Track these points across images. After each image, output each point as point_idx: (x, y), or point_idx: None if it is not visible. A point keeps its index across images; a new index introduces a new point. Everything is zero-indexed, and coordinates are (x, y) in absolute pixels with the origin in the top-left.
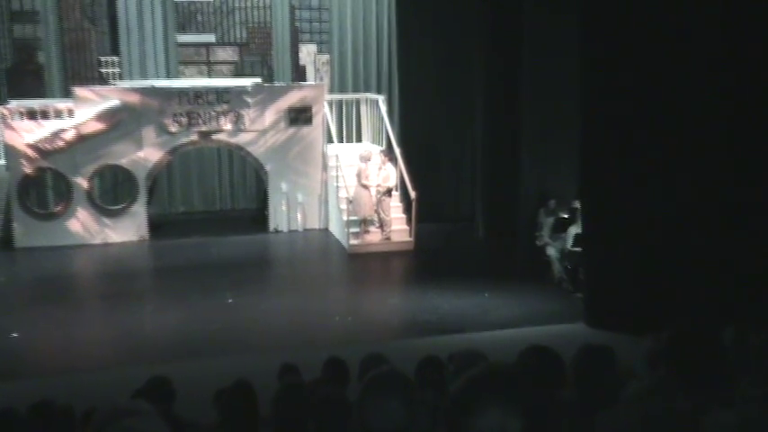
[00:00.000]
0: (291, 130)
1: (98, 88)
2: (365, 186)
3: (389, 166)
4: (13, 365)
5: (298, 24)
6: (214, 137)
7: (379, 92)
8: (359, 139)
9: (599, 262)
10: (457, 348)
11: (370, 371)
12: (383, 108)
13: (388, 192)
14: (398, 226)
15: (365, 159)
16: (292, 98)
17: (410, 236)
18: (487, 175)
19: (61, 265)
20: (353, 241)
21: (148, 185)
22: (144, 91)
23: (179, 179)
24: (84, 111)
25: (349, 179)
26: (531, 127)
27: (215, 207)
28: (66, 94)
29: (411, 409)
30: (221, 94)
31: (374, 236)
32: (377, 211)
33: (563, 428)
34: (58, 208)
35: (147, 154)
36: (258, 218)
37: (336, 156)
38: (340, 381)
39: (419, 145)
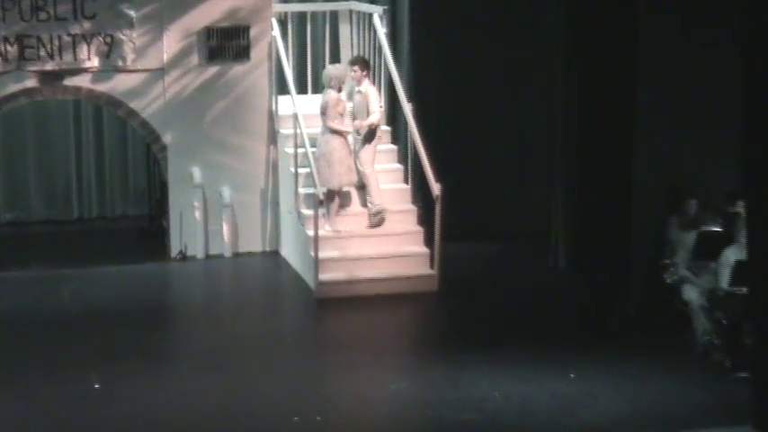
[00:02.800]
0: (212, 71)
1: None
2: (338, 133)
3: (368, 87)
4: None
5: None
6: (68, 82)
7: (372, 1)
8: None
9: None
10: None
11: None
12: (381, 30)
13: (370, 136)
14: (411, 248)
15: (337, 82)
16: (213, 10)
17: (431, 266)
18: (573, 161)
19: None
20: (326, 275)
21: None
22: None
23: (3, 161)
24: None
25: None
26: (654, 83)
27: (70, 214)
28: None
29: None
30: (83, 3)
31: (353, 220)
32: (358, 173)
33: None
34: None
35: None
36: (150, 233)
37: (296, 116)
38: None
39: (445, 102)
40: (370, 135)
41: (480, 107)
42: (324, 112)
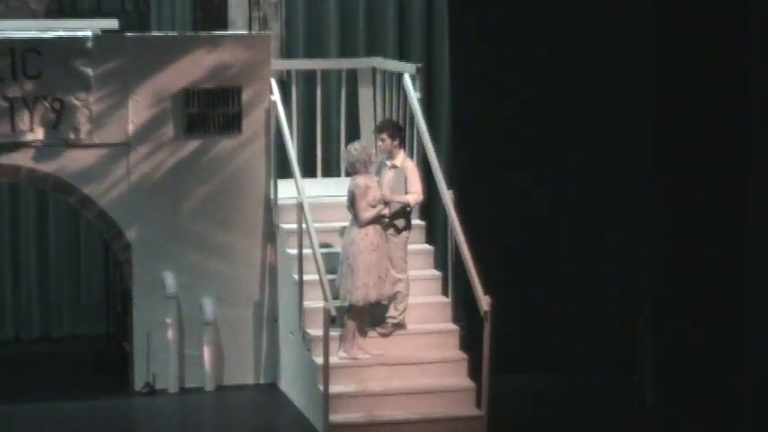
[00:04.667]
0: (191, 147)
1: None
2: (370, 230)
3: (406, 161)
4: None
5: None
6: (3, 159)
7: (402, 58)
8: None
9: None
10: None
11: None
12: (413, 94)
13: (404, 223)
14: (451, 380)
15: (362, 165)
16: (194, 68)
17: (477, 405)
18: (663, 263)
19: None
20: (340, 416)
21: None
22: None
23: None
24: None
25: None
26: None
27: (4, 333)
28: None
29: None
30: (24, 58)
31: (376, 343)
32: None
33: None
34: None
35: None
36: (109, 359)
37: (301, 206)
38: None
39: (496, 188)
40: (403, 221)
41: (541, 194)
42: (351, 205)
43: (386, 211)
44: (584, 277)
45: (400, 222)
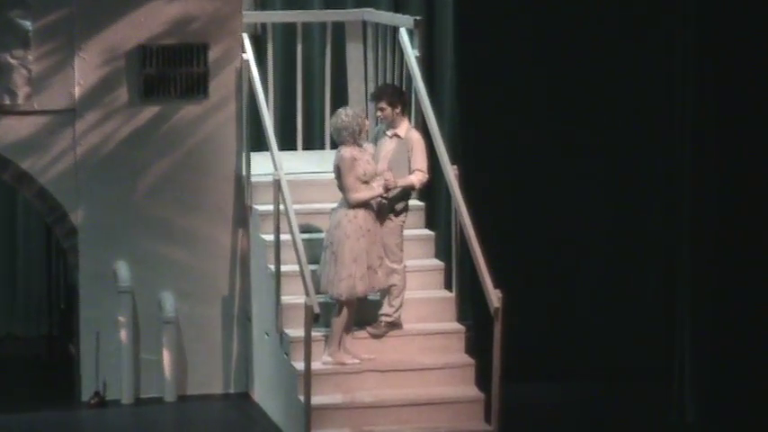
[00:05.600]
0: (149, 114)
1: None
2: (360, 211)
3: (411, 131)
4: None
5: None
6: None
7: (397, 9)
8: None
9: None
10: None
11: None
12: (412, 52)
13: (402, 206)
14: (455, 389)
15: (350, 135)
16: (151, 21)
17: (485, 418)
18: (708, 255)
19: None
20: (324, 431)
21: None
22: None
23: None
24: None
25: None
26: None
27: None
28: None
29: None
30: None
31: (367, 345)
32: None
33: None
34: None
35: None
36: (51, 364)
37: (278, 184)
38: None
39: (508, 164)
40: (404, 203)
41: (562, 170)
42: (339, 184)
43: (388, 194)
44: (614, 269)
45: (400, 204)
